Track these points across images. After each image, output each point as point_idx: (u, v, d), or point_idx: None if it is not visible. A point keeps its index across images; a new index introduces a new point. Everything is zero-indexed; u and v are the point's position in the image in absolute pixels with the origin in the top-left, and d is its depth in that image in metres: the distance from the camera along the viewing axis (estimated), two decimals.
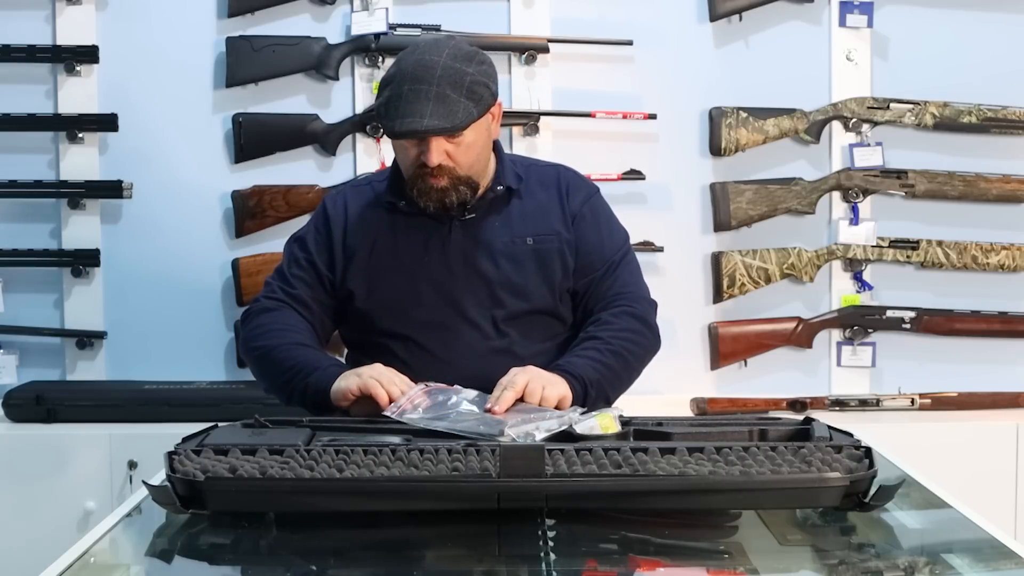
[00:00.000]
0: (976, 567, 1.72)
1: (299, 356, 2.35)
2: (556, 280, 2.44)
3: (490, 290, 2.41)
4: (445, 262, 2.41)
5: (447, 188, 2.34)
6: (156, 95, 3.41)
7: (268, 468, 1.81)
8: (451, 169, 2.32)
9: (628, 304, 2.44)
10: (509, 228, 2.44)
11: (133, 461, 3.11)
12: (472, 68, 2.30)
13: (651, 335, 2.46)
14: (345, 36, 3.39)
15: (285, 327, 2.41)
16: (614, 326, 2.40)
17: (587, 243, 2.47)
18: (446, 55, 2.30)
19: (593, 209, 2.51)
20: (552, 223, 2.46)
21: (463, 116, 2.28)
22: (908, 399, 3.37)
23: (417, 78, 2.27)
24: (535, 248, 2.43)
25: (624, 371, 2.39)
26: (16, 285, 3.38)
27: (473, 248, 2.42)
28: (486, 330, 2.40)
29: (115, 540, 1.82)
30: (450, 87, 2.27)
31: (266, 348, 2.39)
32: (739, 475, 1.79)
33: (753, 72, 3.46)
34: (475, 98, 2.29)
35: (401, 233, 2.44)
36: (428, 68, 2.27)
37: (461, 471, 1.82)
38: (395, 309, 2.42)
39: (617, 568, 1.72)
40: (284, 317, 2.43)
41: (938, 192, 3.41)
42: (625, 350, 2.38)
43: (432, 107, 2.25)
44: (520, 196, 2.47)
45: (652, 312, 2.49)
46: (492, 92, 2.34)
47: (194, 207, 3.42)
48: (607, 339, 2.38)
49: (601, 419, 2.05)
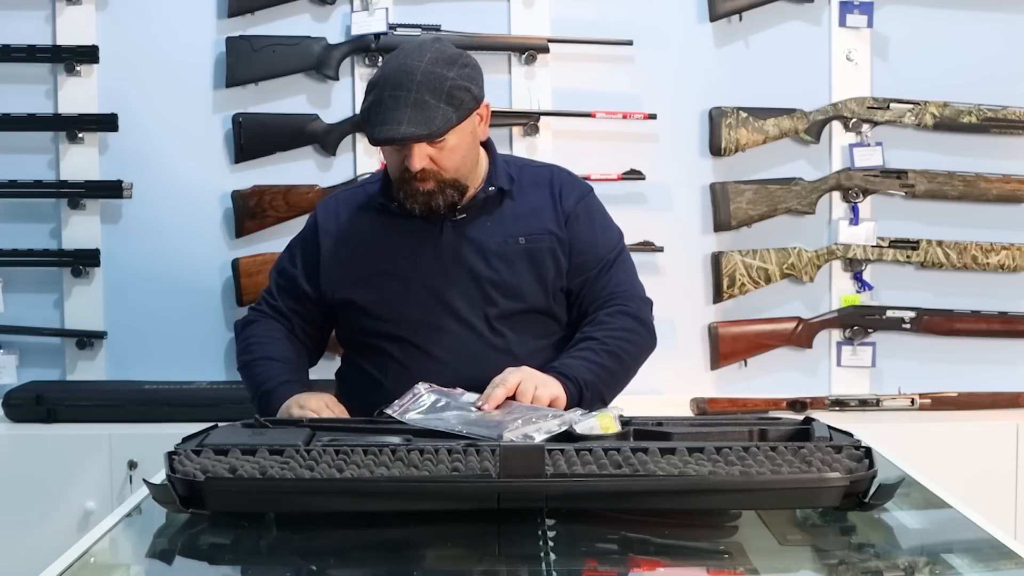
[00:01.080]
0: (976, 567, 1.73)
1: (262, 372, 2.43)
2: (549, 279, 2.44)
3: (482, 290, 2.41)
4: (437, 262, 2.42)
5: (433, 191, 2.34)
6: (156, 95, 3.41)
7: (268, 468, 1.81)
8: (436, 173, 2.33)
9: (623, 303, 2.44)
10: (501, 228, 2.44)
11: (133, 461, 3.11)
12: (454, 72, 2.30)
13: (647, 334, 2.46)
14: (345, 36, 3.39)
15: (260, 341, 2.48)
16: (609, 326, 2.41)
17: (581, 242, 2.47)
18: (427, 60, 2.30)
19: (587, 208, 2.51)
20: (545, 222, 2.46)
21: (441, 122, 2.28)
22: (908, 399, 3.37)
23: (397, 84, 2.28)
24: (527, 247, 2.43)
25: (620, 371, 2.39)
26: (16, 285, 3.38)
27: (464, 248, 2.42)
28: (480, 329, 2.41)
29: (115, 540, 1.83)
30: (429, 93, 2.27)
31: (243, 362, 2.50)
32: (739, 475, 1.79)
33: (753, 72, 3.45)
34: (455, 103, 2.29)
35: (393, 235, 2.44)
36: (408, 74, 2.28)
37: (461, 471, 1.82)
38: (389, 310, 2.42)
39: (617, 568, 1.73)
40: (263, 329, 2.50)
41: (938, 192, 3.40)
42: (620, 350, 2.38)
43: (410, 114, 2.26)
44: (512, 197, 2.47)
45: (647, 310, 2.49)
46: (474, 95, 2.34)
47: (194, 207, 3.42)
48: (602, 339, 2.38)
49: (601, 419, 2.05)
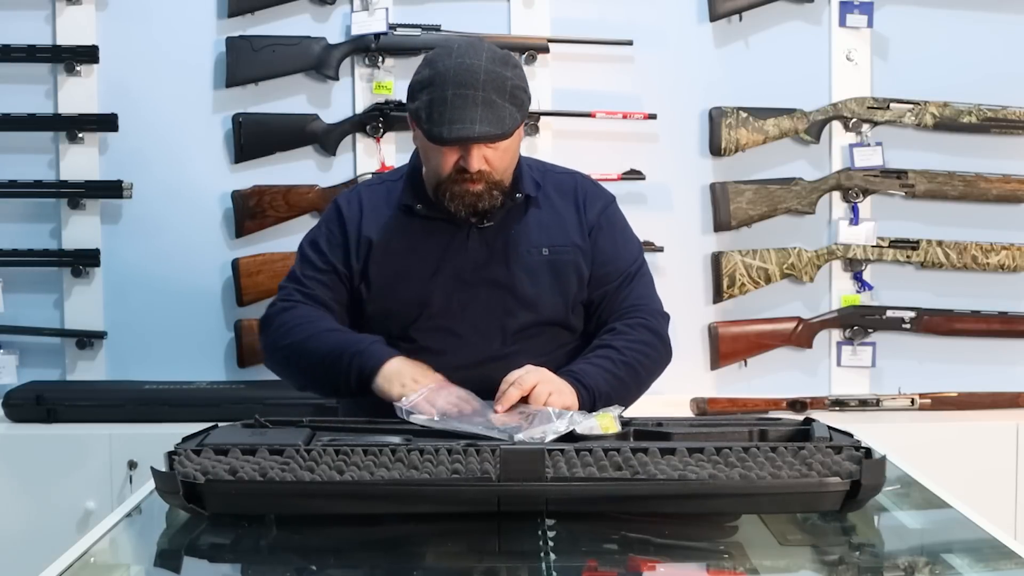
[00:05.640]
0: (976, 567, 1.73)
1: (336, 340, 2.32)
2: (571, 292, 2.41)
3: (502, 300, 2.39)
4: (459, 269, 2.38)
5: (481, 193, 2.31)
6: (156, 95, 3.41)
7: (268, 469, 1.81)
8: (488, 174, 2.30)
9: (643, 316, 2.42)
10: (526, 238, 2.41)
11: (133, 461, 3.11)
12: (510, 72, 2.28)
13: (664, 349, 2.44)
14: (345, 36, 3.39)
15: (310, 319, 2.37)
16: (629, 337, 2.38)
17: (603, 254, 2.44)
18: (486, 59, 2.26)
19: (610, 219, 2.48)
20: (569, 234, 2.43)
21: (510, 122, 2.26)
22: (908, 399, 3.37)
23: (461, 83, 2.23)
24: (550, 259, 2.41)
25: (634, 383, 2.37)
26: (16, 285, 3.38)
27: (488, 257, 2.39)
28: (494, 339, 2.38)
29: (115, 540, 1.82)
30: (495, 92, 2.24)
31: (296, 342, 2.35)
32: (739, 479, 1.79)
33: (753, 72, 3.45)
34: (517, 103, 2.27)
35: (417, 237, 2.41)
36: (472, 72, 2.23)
37: (461, 473, 1.82)
38: (405, 312, 2.39)
39: (617, 567, 1.72)
40: (306, 312, 2.39)
41: (938, 192, 3.40)
42: (637, 363, 2.36)
43: (481, 113, 2.22)
44: (538, 205, 2.44)
45: (665, 325, 2.47)
46: (529, 96, 2.32)
47: (194, 207, 3.42)
48: (621, 349, 2.36)
49: (601, 419, 2.05)
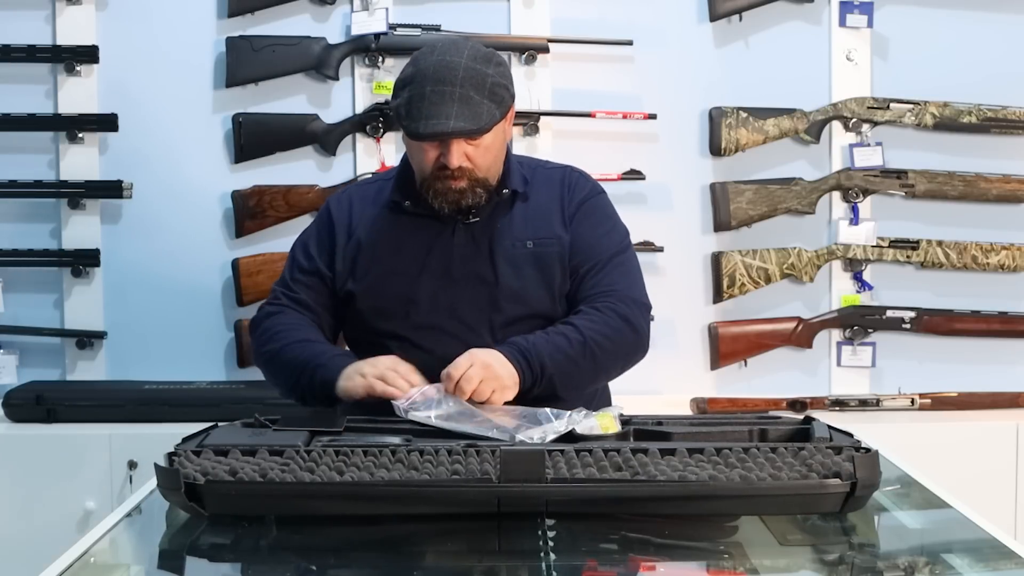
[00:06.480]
0: (976, 567, 1.73)
1: (304, 352, 2.36)
2: (556, 284, 2.42)
3: (489, 295, 2.40)
4: (446, 265, 2.40)
5: (464, 190, 2.33)
6: (156, 95, 3.41)
7: (268, 470, 1.81)
8: (470, 171, 2.32)
9: (613, 302, 2.38)
10: (511, 231, 2.42)
11: (133, 461, 3.11)
12: (491, 69, 2.30)
13: (633, 337, 2.39)
14: (345, 36, 3.39)
15: (288, 327, 2.42)
16: (591, 318, 2.35)
17: (581, 241, 2.44)
18: (466, 56, 2.28)
19: (592, 208, 2.48)
20: (552, 226, 2.44)
21: (487, 118, 2.27)
22: (908, 399, 3.37)
23: (440, 79, 2.25)
24: (535, 252, 2.41)
25: (590, 367, 2.33)
26: (16, 285, 3.38)
27: (474, 252, 2.40)
28: (482, 334, 2.38)
29: (115, 540, 1.82)
30: (473, 89, 2.26)
31: (273, 351, 2.41)
32: (739, 480, 1.79)
33: (753, 72, 3.45)
34: (497, 100, 2.29)
35: (405, 233, 2.43)
36: (451, 69, 2.26)
37: (461, 474, 1.82)
38: (393, 310, 2.41)
39: (617, 567, 1.73)
40: (287, 318, 2.44)
41: (938, 192, 3.40)
42: (596, 345, 2.32)
43: (457, 108, 2.24)
44: (525, 199, 2.45)
45: (640, 314, 2.42)
46: (511, 94, 2.34)
47: (194, 207, 3.42)
48: (581, 328, 2.33)
49: (601, 419, 2.05)
